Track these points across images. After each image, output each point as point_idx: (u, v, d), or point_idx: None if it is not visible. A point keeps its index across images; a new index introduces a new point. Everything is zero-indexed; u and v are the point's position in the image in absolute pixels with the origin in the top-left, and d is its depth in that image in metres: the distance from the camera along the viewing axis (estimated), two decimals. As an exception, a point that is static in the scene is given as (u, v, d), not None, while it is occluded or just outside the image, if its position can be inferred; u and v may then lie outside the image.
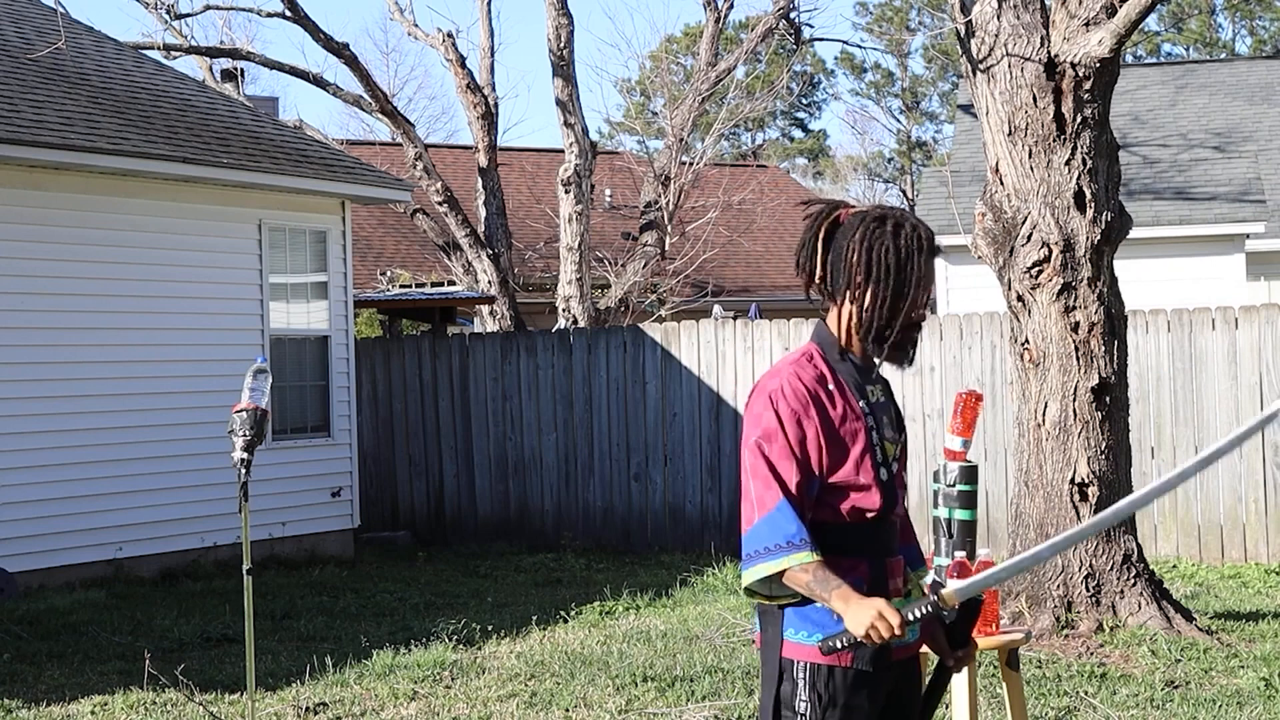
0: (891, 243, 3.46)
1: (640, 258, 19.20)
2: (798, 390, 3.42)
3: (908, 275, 3.47)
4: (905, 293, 3.47)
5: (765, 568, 3.36)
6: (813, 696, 3.40)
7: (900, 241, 3.47)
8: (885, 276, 3.46)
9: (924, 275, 3.48)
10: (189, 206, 12.26)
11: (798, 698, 3.41)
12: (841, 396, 3.46)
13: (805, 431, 3.40)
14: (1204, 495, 11.76)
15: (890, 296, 3.47)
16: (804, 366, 3.47)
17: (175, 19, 17.34)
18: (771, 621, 3.47)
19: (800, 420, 3.40)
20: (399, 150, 20.48)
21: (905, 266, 3.47)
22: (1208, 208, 17.20)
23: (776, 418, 3.40)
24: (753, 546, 3.39)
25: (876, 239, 3.47)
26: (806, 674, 3.40)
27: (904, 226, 3.49)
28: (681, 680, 7.62)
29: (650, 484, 13.57)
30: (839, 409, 3.45)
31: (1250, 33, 49.40)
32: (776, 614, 3.45)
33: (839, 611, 3.29)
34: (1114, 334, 8.65)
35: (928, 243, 3.51)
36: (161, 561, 11.77)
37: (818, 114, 58.95)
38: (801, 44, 20.53)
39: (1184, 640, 8.12)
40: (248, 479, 6.28)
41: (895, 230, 3.48)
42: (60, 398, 11.27)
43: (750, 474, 3.41)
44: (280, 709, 7.32)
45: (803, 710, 3.40)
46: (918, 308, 3.50)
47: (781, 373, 3.47)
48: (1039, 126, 8.59)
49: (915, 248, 3.48)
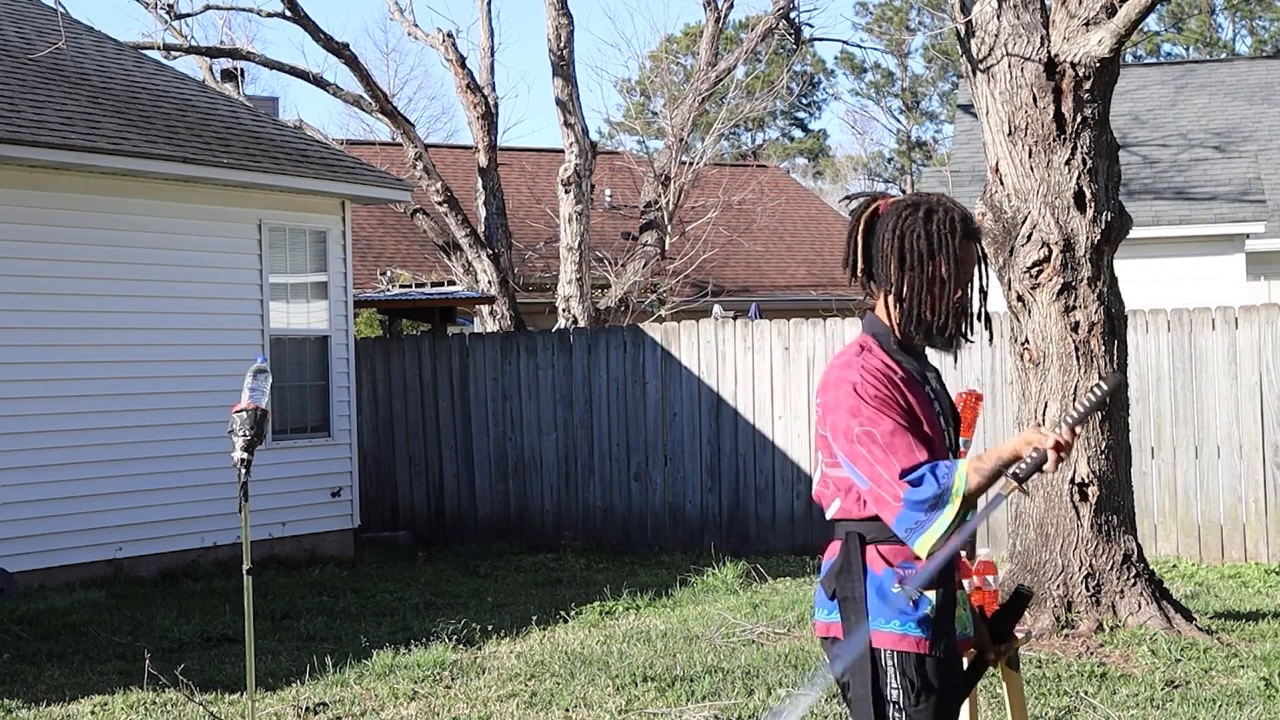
0: (923, 229, 3.48)
1: (640, 258, 19.20)
2: (877, 375, 3.45)
3: (940, 260, 3.47)
4: (939, 278, 3.48)
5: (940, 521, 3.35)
6: (904, 684, 3.42)
7: (931, 227, 3.48)
8: (918, 264, 3.48)
9: (960, 259, 3.49)
10: (189, 206, 12.26)
11: (889, 685, 3.44)
12: (907, 384, 3.49)
13: (898, 411, 3.44)
14: (1204, 495, 11.76)
15: (925, 283, 3.49)
16: (867, 358, 3.49)
17: (175, 19, 17.35)
18: (854, 611, 3.47)
19: (890, 401, 3.44)
20: (399, 150, 20.48)
21: (937, 252, 3.47)
22: (1208, 208, 17.20)
23: (868, 403, 3.42)
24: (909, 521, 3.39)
25: (909, 227, 3.49)
26: (896, 662, 3.43)
27: (936, 212, 3.50)
28: (681, 680, 7.62)
29: (650, 484, 13.56)
30: (911, 395, 3.48)
31: (1250, 33, 49.40)
32: (860, 603, 3.45)
33: (1011, 456, 3.37)
34: (1114, 334, 8.65)
35: (962, 225, 3.51)
36: (161, 561, 11.76)
37: (818, 114, 58.99)
38: (801, 44, 20.53)
39: (1184, 640, 8.12)
40: (248, 479, 6.28)
41: (927, 216, 3.49)
42: (60, 398, 11.27)
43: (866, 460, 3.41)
44: (280, 709, 7.32)
45: (896, 698, 3.43)
46: (958, 293, 3.50)
47: (851, 364, 3.49)
48: (1039, 126, 8.59)
49: (948, 231, 3.48)
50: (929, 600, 3.44)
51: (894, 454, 3.38)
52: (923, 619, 3.43)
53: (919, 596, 3.41)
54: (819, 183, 52.22)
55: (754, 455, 13.21)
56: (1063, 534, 8.52)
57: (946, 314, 3.50)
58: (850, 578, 3.47)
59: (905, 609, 3.42)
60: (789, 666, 7.88)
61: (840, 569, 3.50)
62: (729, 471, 13.29)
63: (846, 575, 3.47)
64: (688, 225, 22.91)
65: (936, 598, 3.46)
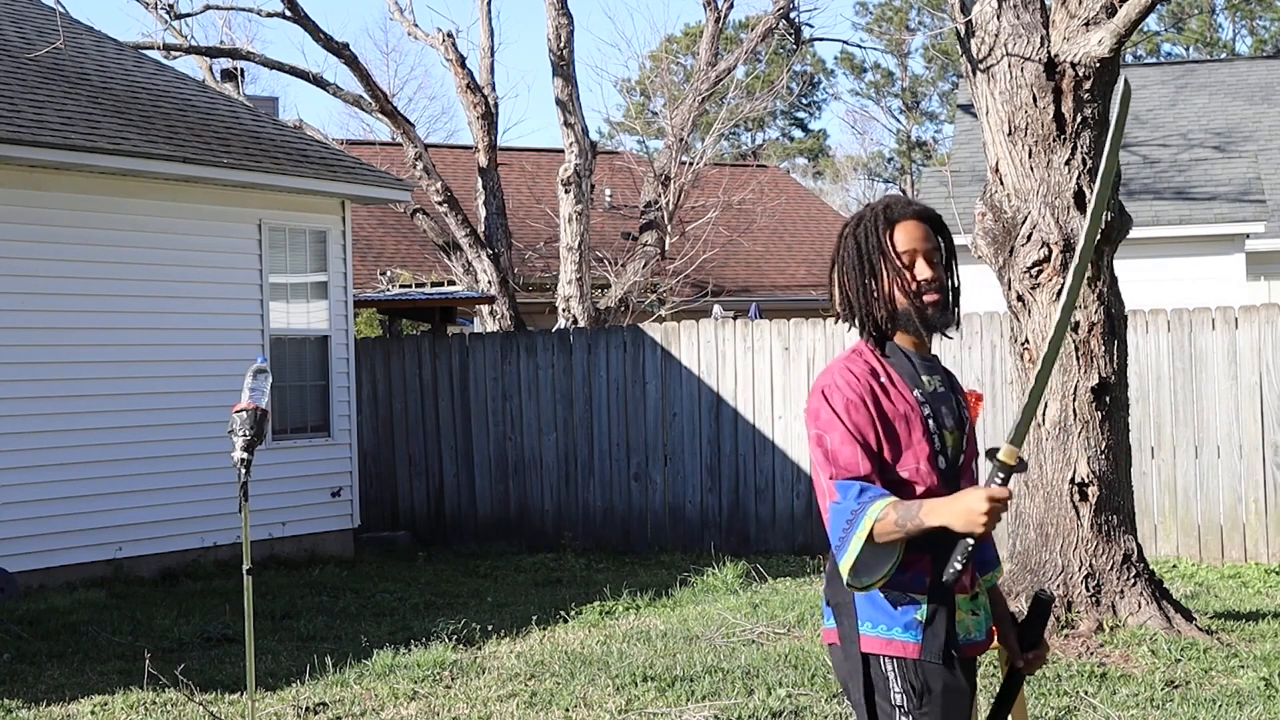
0: (851, 229, 3.52)
1: (640, 258, 19.20)
2: (849, 381, 3.43)
3: (868, 250, 3.48)
4: (871, 269, 3.49)
5: (855, 541, 3.30)
6: (906, 688, 3.38)
7: (859, 226, 3.52)
8: (851, 261, 3.51)
9: (885, 245, 3.48)
10: (189, 206, 12.26)
11: (891, 691, 3.40)
12: (894, 388, 3.45)
13: (861, 419, 3.39)
14: (1204, 495, 11.76)
15: (859, 278, 3.50)
16: (854, 361, 3.48)
17: (175, 19, 17.35)
18: (846, 614, 3.45)
19: (855, 409, 3.40)
20: (399, 150, 20.48)
21: (864, 243, 3.49)
22: (1208, 208, 17.21)
23: (831, 410, 3.40)
24: (835, 536, 3.35)
25: (842, 233, 3.55)
26: (895, 667, 3.40)
27: (864, 215, 3.54)
28: (681, 680, 7.62)
29: (650, 484, 13.56)
30: (893, 400, 3.44)
31: (1250, 33, 49.40)
32: (850, 607, 3.44)
33: (940, 525, 3.27)
34: (1114, 334, 8.65)
35: (884, 211, 3.51)
36: (161, 561, 11.77)
37: (818, 114, 58.99)
38: (801, 44, 20.53)
39: (1184, 640, 8.12)
40: (248, 479, 6.28)
41: (857, 219, 3.54)
42: (60, 398, 11.27)
43: (818, 469, 3.42)
44: (280, 709, 7.32)
45: (899, 703, 3.39)
46: (905, 278, 3.47)
47: (833, 369, 3.49)
48: (1039, 126, 8.59)
49: (872, 223, 3.50)
50: (918, 605, 3.41)
51: (834, 463, 3.37)
52: (910, 623, 3.40)
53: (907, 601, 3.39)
54: (819, 183, 52.22)
55: (754, 455, 13.21)
56: (1063, 534, 8.52)
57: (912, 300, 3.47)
58: (840, 583, 3.44)
59: (893, 613, 3.39)
60: (789, 666, 7.88)
61: (832, 574, 3.48)
62: (729, 471, 13.29)
63: (838, 581, 3.44)
64: (688, 225, 22.91)
65: (925, 603, 3.41)
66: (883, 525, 3.29)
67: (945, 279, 3.53)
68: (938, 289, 3.50)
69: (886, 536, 3.30)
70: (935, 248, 3.53)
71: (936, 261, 3.51)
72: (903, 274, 3.48)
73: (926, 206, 3.58)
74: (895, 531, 3.29)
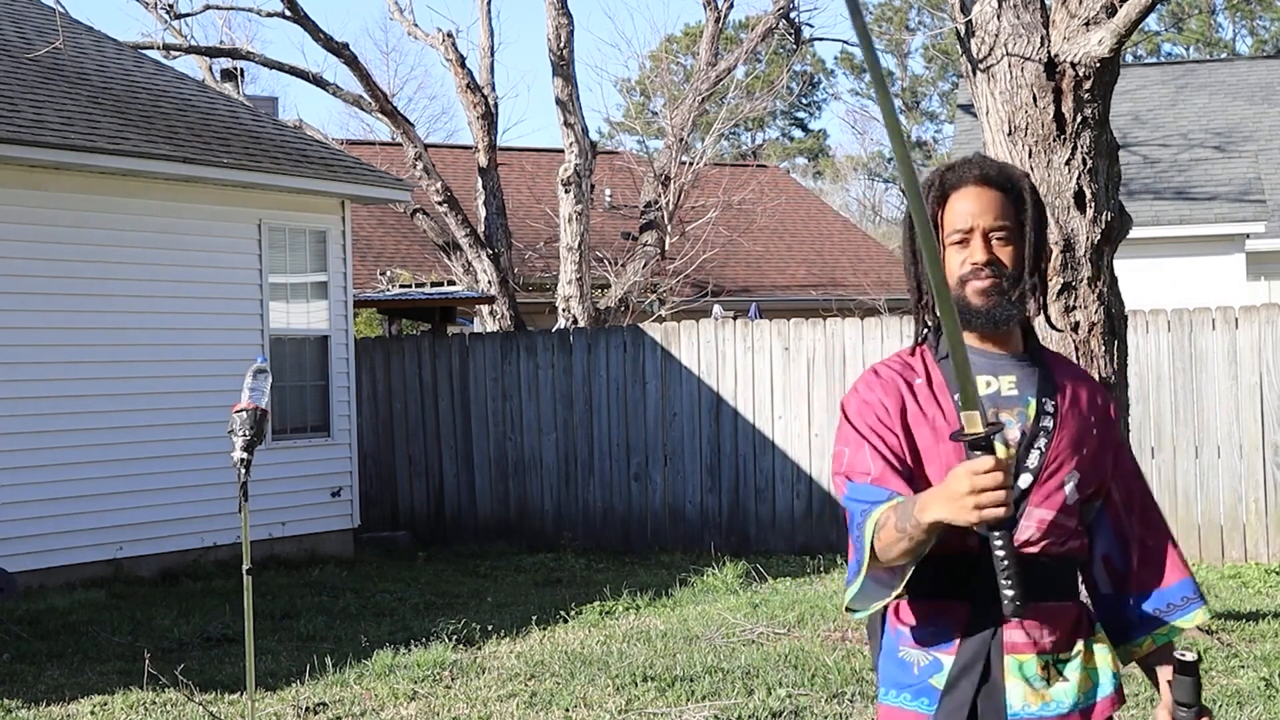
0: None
1: (640, 258, 19.20)
2: (869, 383, 2.83)
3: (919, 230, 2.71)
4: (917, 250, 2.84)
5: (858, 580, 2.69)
6: None
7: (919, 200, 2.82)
8: (906, 244, 2.89)
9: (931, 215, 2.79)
10: (189, 206, 12.26)
11: None
12: (931, 389, 2.80)
13: (874, 420, 2.78)
14: (1204, 495, 11.76)
15: (910, 259, 2.88)
16: (891, 361, 2.88)
17: (175, 19, 17.35)
18: (876, 679, 2.88)
19: (868, 410, 2.79)
20: (399, 150, 20.48)
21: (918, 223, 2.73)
22: (1208, 208, 17.21)
23: (845, 420, 2.82)
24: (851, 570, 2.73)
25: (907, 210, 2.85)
26: None
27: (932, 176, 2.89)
28: (681, 680, 7.61)
29: (650, 484, 13.56)
30: (921, 403, 2.79)
31: (1250, 33, 49.40)
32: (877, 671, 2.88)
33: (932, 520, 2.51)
34: (1114, 334, 8.64)
35: (941, 178, 2.84)
36: (161, 561, 11.76)
37: (818, 114, 59.00)
38: (801, 44, 20.54)
39: (1184, 640, 8.12)
40: (247, 479, 6.28)
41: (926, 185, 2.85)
42: (60, 398, 11.27)
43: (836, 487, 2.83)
44: (280, 709, 7.32)
45: None
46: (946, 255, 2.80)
47: (864, 375, 2.90)
48: (1039, 126, 8.59)
49: (925, 193, 2.81)
50: (939, 666, 2.74)
51: (848, 471, 2.76)
52: (923, 689, 2.75)
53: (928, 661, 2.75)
54: (819, 183, 52.23)
55: (754, 455, 13.21)
56: (1063, 534, 8.51)
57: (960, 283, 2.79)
58: (873, 639, 2.89)
59: (905, 677, 2.77)
60: (789, 666, 7.88)
61: (870, 630, 2.91)
62: (729, 471, 13.28)
63: (871, 637, 2.89)
64: (688, 225, 22.91)
65: (953, 664, 2.72)
66: (885, 534, 2.61)
67: (1011, 264, 2.80)
68: (993, 274, 2.77)
69: (893, 548, 2.60)
70: (1004, 224, 2.79)
71: (1001, 240, 2.79)
72: (951, 257, 2.80)
73: (1004, 168, 2.85)
74: (899, 539, 2.57)
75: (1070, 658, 2.78)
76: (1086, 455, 2.82)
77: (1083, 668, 2.79)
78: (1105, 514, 2.93)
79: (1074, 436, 2.81)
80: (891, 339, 12.65)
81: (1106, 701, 2.80)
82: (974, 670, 2.70)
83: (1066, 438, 2.80)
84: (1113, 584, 2.94)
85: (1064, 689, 2.76)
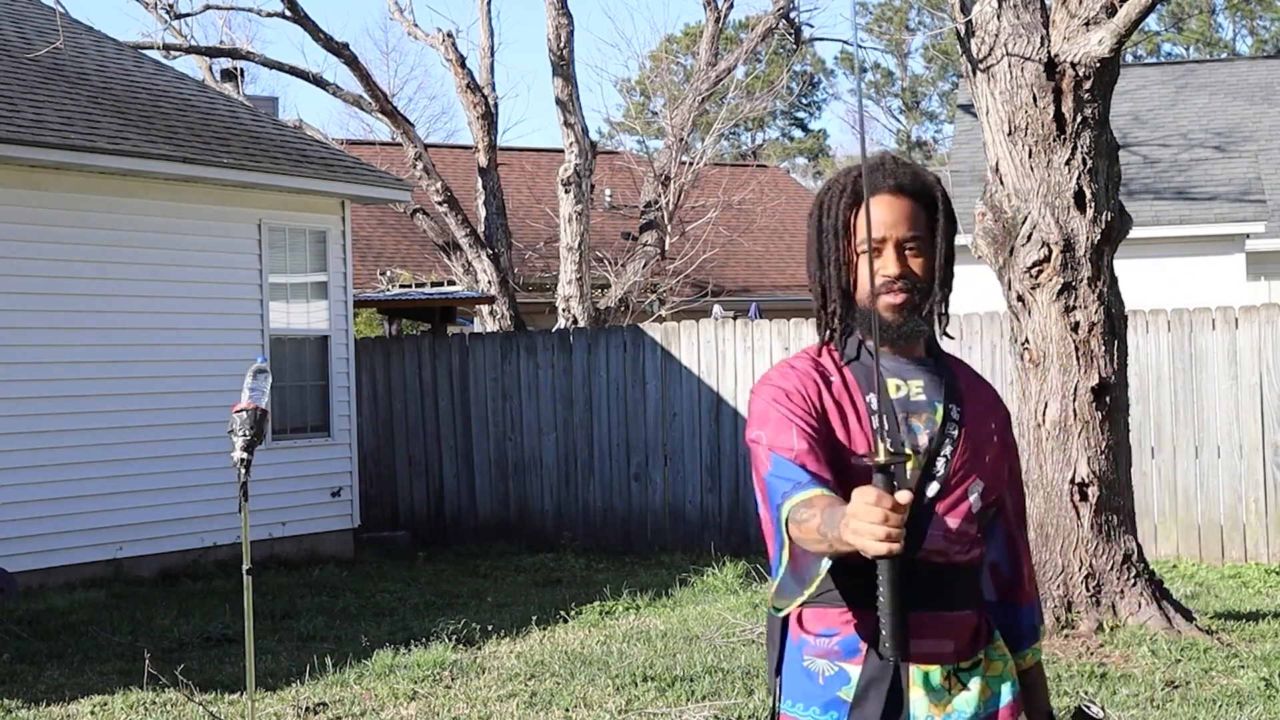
0: (817, 200, 2.82)
1: (640, 258, 19.20)
2: (783, 373, 2.75)
3: (827, 229, 2.76)
4: (828, 254, 2.76)
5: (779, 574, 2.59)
6: None
7: (824, 201, 2.80)
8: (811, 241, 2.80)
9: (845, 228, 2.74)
10: (189, 206, 12.26)
11: None
12: (845, 389, 2.74)
13: (795, 408, 2.68)
14: (1204, 495, 11.76)
15: (814, 263, 2.79)
16: (799, 358, 2.80)
17: (175, 19, 17.35)
18: (772, 689, 2.78)
19: (788, 397, 2.69)
20: (399, 150, 20.48)
21: (825, 219, 2.77)
22: (1208, 208, 17.22)
23: (763, 404, 2.71)
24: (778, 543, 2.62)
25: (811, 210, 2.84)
26: None
27: (838, 176, 2.83)
28: (681, 680, 7.61)
29: (650, 484, 13.56)
30: (835, 397, 2.73)
31: (1250, 33, 49.40)
32: (774, 681, 2.76)
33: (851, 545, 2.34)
34: (1114, 334, 8.65)
35: (852, 183, 2.77)
36: (161, 561, 11.76)
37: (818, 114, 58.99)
38: (801, 44, 20.55)
39: (1184, 640, 8.12)
40: (247, 479, 6.28)
41: (826, 186, 2.82)
42: (60, 398, 11.27)
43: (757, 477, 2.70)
44: (280, 709, 7.32)
45: None
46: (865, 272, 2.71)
47: (768, 374, 2.81)
48: (1039, 126, 8.59)
49: (837, 195, 2.77)
50: (847, 678, 2.66)
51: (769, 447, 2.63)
52: (831, 702, 2.65)
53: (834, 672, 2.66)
54: (819, 183, 52.21)
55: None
56: (1063, 534, 8.51)
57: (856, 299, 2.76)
58: (771, 646, 2.77)
59: (812, 689, 2.66)
60: (789, 666, 7.87)
61: (769, 636, 2.79)
62: (729, 471, 13.28)
63: (770, 644, 2.78)
64: (688, 225, 22.91)
65: (861, 674, 2.65)
66: (805, 531, 2.47)
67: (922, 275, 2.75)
68: (905, 288, 2.72)
69: (810, 545, 2.48)
70: (916, 235, 2.74)
71: (913, 251, 2.73)
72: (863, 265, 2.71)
73: (917, 175, 2.81)
74: (819, 542, 2.45)
75: (971, 667, 2.74)
76: (988, 463, 2.80)
77: (983, 677, 2.75)
78: (999, 522, 2.90)
79: (977, 444, 2.78)
80: (891, 339, 12.64)
81: (1006, 710, 2.76)
82: (882, 683, 2.64)
83: (971, 446, 2.77)
84: (999, 593, 2.91)
85: (966, 699, 2.72)
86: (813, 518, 2.45)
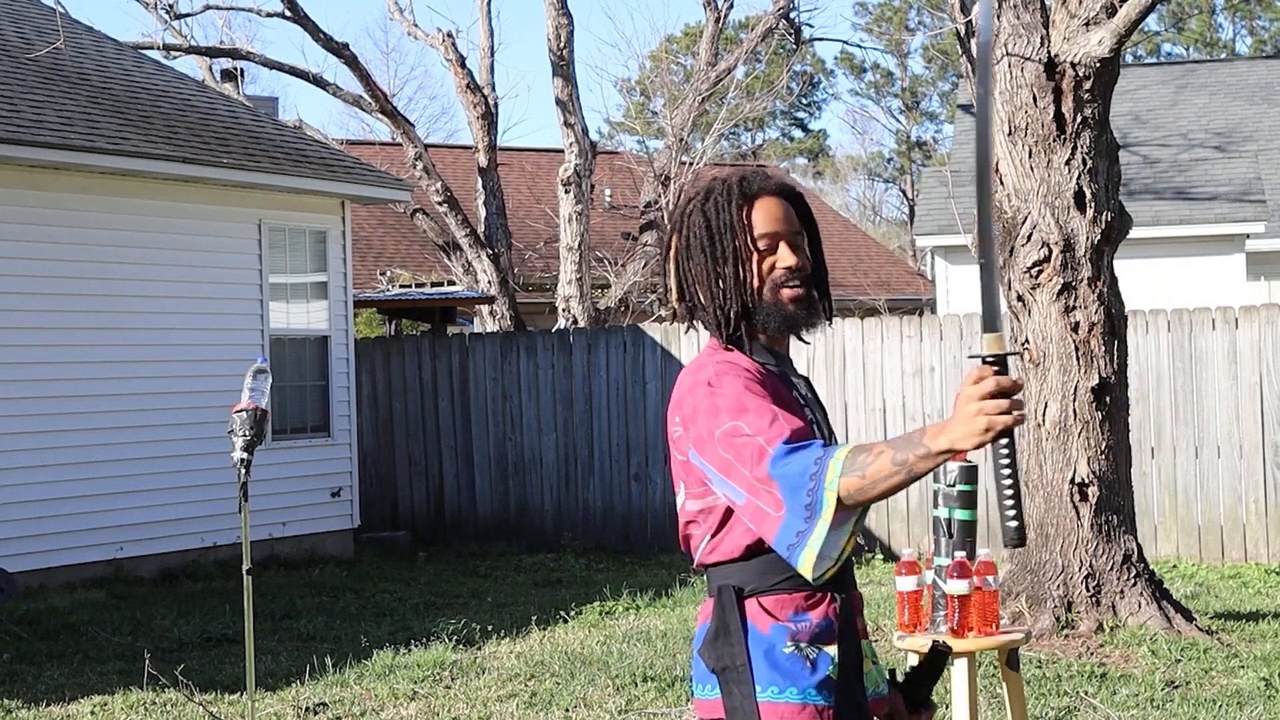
0: (699, 204, 2.94)
1: (640, 258, 19.20)
2: (725, 369, 2.86)
3: (719, 230, 2.89)
4: (723, 253, 2.90)
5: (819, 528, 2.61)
6: None
7: (708, 200, 2.93)
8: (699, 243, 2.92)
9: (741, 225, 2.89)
10: (189, 206, 12.26)
11: None
12: (774, 383, 2.90)
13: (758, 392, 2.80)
14: (1204, 495, 11.76)
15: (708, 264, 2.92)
16: (722, 354, 2.95)
17: (175, 19, 17.37)
18: (737, 682, 2.80)
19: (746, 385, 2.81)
20: (399, 150, 20.48)
21: (715, 221, 2.90)
22: (1208, 208, 17.22)
23: (730, 393, 2.79)
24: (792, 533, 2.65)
25: (686, 210, 2.97)
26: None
27: (715, 183, 2.96)
28: (681, 680, 7.61)
29: (650, 484, 13.56)
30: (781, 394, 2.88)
31: (1250, 33, 49.41)
32: (742, 671, 2.80)
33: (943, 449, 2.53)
34: (1114, 334, 8.65)
35: (739, 185, 2.93)
36: (161, 561, 11.76)
37: (818, 114, 59.00)
38: (801, 44, 20.56)
39: (1184, 640, 8.12)
40: (248, 479, 6.28)
41: (705, 192, 2.95)
42: (60, 398, 11.27)
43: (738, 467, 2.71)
44: (280, 709, 7.32)
45: None
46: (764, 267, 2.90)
47: (704, 365, 2.92)
48: (1039, 126, 8.59)
49: (725, 197, 2.91)
50: (829, 658, 2.80)
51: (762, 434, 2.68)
52: (823, 682, 2.78)
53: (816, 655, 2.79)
54: (819, 183, 52.22)
55: (754, 455, 13.19)
56: (1063, 534, 8.52)
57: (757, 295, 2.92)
58: (730, 642, 2.82)
59: (802, 671, 2.77)
60: (789, 666, 7.87)
61: (717, 633, 2.86)
62: (729, 471, 13.26)
63: (725, 640, 2.83)
64: (688, 225, 22.87)
65: (838, 654, 2.81)
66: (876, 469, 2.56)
67: (810, 269, 2.97)
68: (803, 281, 2.94)
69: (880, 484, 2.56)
70: (798, 231, 2.94)
71: (801, 247, 2.93)
72: (762, 261, 2.90)
73: (787, 182, 3.01)
74: (895, 473, 2.55)
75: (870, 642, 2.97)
76: None
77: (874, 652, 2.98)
78: None
79: None
80: (891, 339, 12.65)
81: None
82: (854, 659, 2.84)
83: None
84: None
85: (879, 670, 2.96)
86: (879, 456, 2.57)
